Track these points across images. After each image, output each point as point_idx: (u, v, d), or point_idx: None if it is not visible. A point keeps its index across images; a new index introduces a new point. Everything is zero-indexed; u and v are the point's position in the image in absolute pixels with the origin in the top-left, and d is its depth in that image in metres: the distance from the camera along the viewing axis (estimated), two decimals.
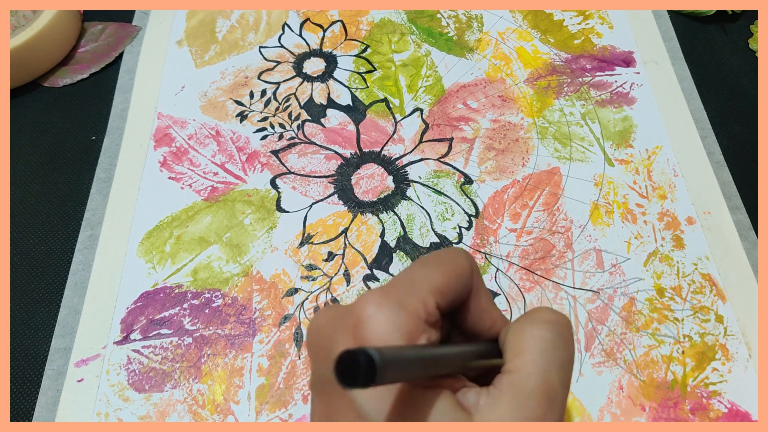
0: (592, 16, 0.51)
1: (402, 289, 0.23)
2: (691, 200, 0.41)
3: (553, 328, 0.24)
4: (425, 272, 0.24)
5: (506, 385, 0.22)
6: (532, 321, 0.24)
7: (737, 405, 0.33)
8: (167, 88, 0.47)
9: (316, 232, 0.40)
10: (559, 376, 0.23)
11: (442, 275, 0.24)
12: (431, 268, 0.24)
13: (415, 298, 0.23)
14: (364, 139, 0.44)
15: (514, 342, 0.24)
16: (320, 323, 0.24)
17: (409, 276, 0.24)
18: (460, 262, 0.25)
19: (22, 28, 0.45)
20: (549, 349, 0.23)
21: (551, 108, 0.45)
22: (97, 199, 0.42)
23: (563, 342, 0.23)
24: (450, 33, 0.50)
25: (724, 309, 0.36)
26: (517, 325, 0.24)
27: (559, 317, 0.24)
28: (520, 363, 0.23)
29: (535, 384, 0.22)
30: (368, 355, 0.17)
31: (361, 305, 0.23)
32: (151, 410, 0.34)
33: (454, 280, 0.24)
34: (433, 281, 0.23)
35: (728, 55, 0.49)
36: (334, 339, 0.23)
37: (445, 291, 0.24)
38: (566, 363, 0.23)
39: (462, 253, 0.25)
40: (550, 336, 0.23)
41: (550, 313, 0.24)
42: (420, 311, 0.22)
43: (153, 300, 0.38)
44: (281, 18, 0.52)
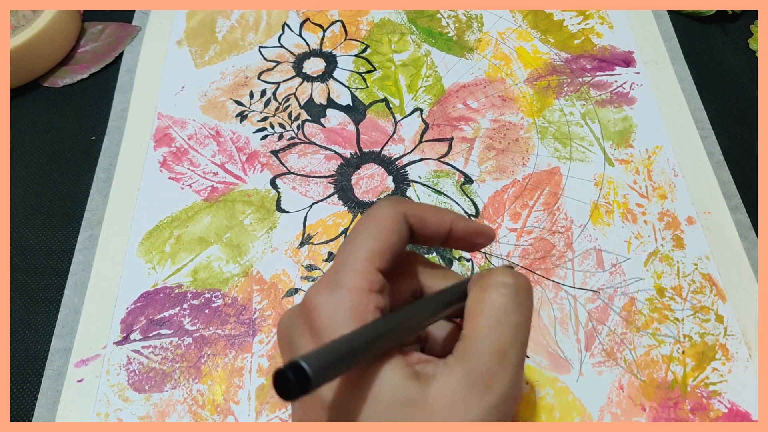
0: (592, 16, 0.51)
1: (338, 269, 0.23)
2: (691, 200, 0.41)
3: (508, 291, 0.24)
4: (355, 244, 0.24)
5: (460, 351, 0.23)
6: (488, 285, 0.24)
7: (737, 405, 0.33)
8: (167, 88, 0.47)
9: (316, 233, 0.40)
10: (511, 337, 0.23)
11: (372, 238, 0.24)
12: (360, 237, 0.24)
13: (351, 271, 0.23)
14: (364, 139, 0.44)
15: (471, 306, 0.24)
16: (283, 323, 0.25)
17: (342, 254, 0.24)
18: (385, 214, 0.24)
19: (22, 28, 0.45)
20: (502, 312, 0.23)
21: (551, 108, 0.45)
22: (97, 199, 0.42)
23: (517, 304, 0.23)
24: (450, 33, 0.50)
25: (724, 309, 0.36)
26: (476, 289, 0.24)
27: (515, 279, 0.24)
28: (473, 328, 0.23)
29: (486, 345, 0.22)
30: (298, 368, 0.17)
31: (308, 296, 0.23)
32: (151, 410, 0.34)
33: (385, 236, 0.24)
34: (365, 249, 0.23)
35: (728, 55, 0.49)
36: (293, 336, 0.23)
37: (381, 251, 0.24)
38: (520, 324, 0.23)
39: (384, 205, 0.25)
40: (503, 300, 0.23)
41: (505, 275, 0.24)
42: (359, 283, 0.22)
43: (153, 300, 0.38)
44: (281, 18, 0.52)
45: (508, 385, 0.22)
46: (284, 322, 0.25)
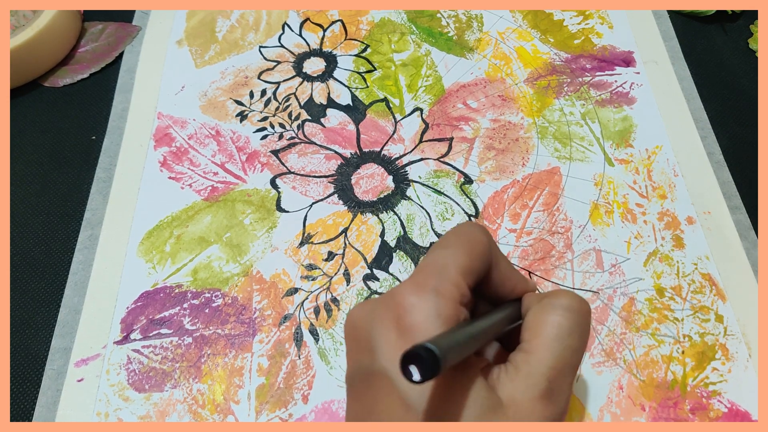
0: (592, 16, 0.51)
1: (434, 275, 0.24)
2: (691, 200, 0.41)
3: (571, 316, 0.25)
4: (452, 256, 0.25)
5: (522, 363, 0.24)
6: (553, 307, 0.25)
7: (737, 405, 0.33)
8: (167, 88, 0.47)
9: (316, 232, 0.40)
10: (570, 360, 0.24)
11: (467, 255, 0.25)
12: (455, 250, 0.25)
13: (449, 283, 0.24)
14: (364, 138, 0.44)
15: (533, 324, 0.25)
16: (358, 316, 0.25)
17: (438, 261, 0.25)
18: (479, 238, 0.26)
19: (22, 28, 0.45)
20: (564, 336, 0.24)
21: (551, 108, 0.45)
22: (97, 199, 0.42)
23: (579, 330, 0.25)
24: (450, 33, 0.50)
25: (724, 309, 0.36)
26: (539, 308, 0.26)
27: (578, 305, 0.25)
28: (536, 345, 0.24)
29: (548, 367, 0.24)
30: (429, 350, 0.19)
31: (401, 295, 0.24)
32: (151, 410, 0.34)
33: (477, 258, 0.25)
34: (460, 264, 0.25)
35: (728, 55, 0.49)
36: (374, 330, 0.24)
37: (472, 270, 0.25)
38: (578, 349, 0.25)
39: (478, 229, 0.27)
40: (567, 324, 0.25)
41: (570, 299, 0.25)
42: (455, 294, 0.24)
43: (153, 300, 0.38)
44: (281, 18, 0.52)
45: (564, 402, 0.24)
46: (361, 316, 0.25)
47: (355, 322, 0.25)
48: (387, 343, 0.23)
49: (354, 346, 0.25)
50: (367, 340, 0.24)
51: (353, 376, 0.25)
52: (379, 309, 0.24)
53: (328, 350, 0.36)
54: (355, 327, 0.25)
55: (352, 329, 0.25)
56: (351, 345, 0.25)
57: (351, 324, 0.25)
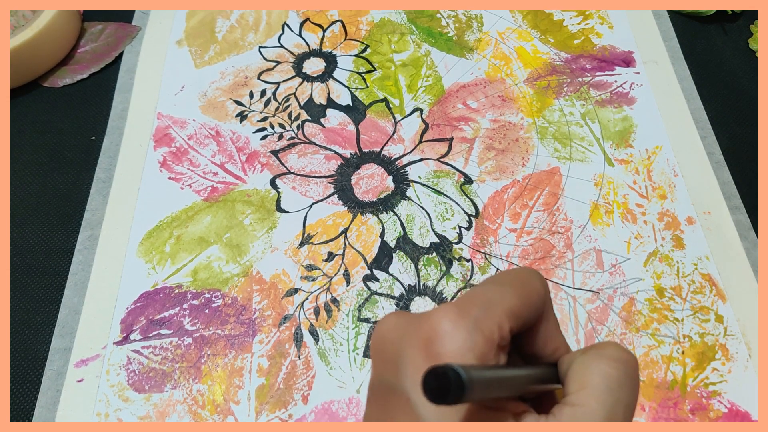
0: (592, 16, 0.51)
1: (478, 308, 0.23)
2: (691, 200, 0.41)
3: (622, 367, 0.23)
4: (502, 293, 0.23)
5: (568, 417, 0.22)
6: (600, 357, 0.23)
7: (737, 405, 0.33)
8: (167, 88, 0.47)
9: (315, 233, 0.40)
10: (623, 416, 0.22)
11: (518, 298, 0.23)
12: (508, 289, 0.24)
13: (491, 320, 0.22)
14: (363, 139, 0.44)
15: (580, 375, 0.23)
16: (388, 328, 0.24)
17: (486, 295, 0.23)
18: (536, 286, 0.24)
19: (22, 28, 0.45)
20: (615, 388, 0.22)
21: (551, 108, 0.45)
22: (97, 199, 0.42)
23: (630, 383, 0.23)
24: (450, 33, 0.50)
25: (724, 309, 0.36)
26: (585, 358, 0.24)
27: (629, 356, 0.24)
28: (584, 398, 0.22)
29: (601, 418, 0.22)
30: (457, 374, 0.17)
31: (437, 319, 0.22)
32: (151, 410, 0.34)
33: (528, 304, 0.24)
34: (508, 304, 0.23)
35: (728, 55, 0.49)
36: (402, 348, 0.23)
37: (520, 315, 0.23)
38: (631, 404, 0.23)
39: (537, 276, 0.25)
40: (617, 375, 0.23)
41: (619, 350, 0.24)
42: (495, 335, 0.22)
43: (153, 300, 0.38)
44: (281, 18, 0.52)
45: None
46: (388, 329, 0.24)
47: (384, 335, 0.24)
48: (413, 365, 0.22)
49: (380, 358, 0.24)
50: (394, 356, 0.23)
51: (375, 386, 0.24)
52: (411, 327, 0.23)
53: (328, 351, 0.35)
54: (383, 340, 0.24)
55: (380, 341, 0.24)
56: (377, 356, 0.24)
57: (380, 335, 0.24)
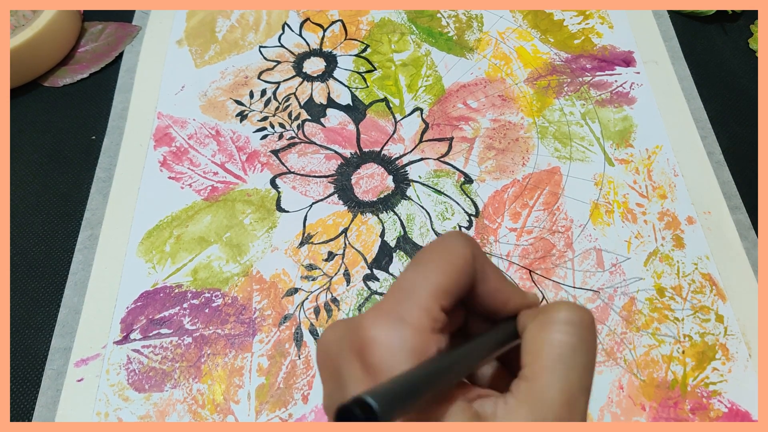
0: (592, 16, 0.51)
1: (401, 300, 0.22)
2: (691, 200, 0.41)
3: (573, 330, 0.22)
4: (422, 275, 0.22)
5: (524, 392, 0.21)
6: (550, 323, 0.22)
7: (737, 405, 0.33)
8: (167, 88, 0.47)
9: (316, 232, 0.40)
10: (579, 382, 0.21)
11: (441, 274, 0.22)
12: (428, 268, 0.22)
13: (416, 308, 0.21)
14: (364, 138, 0.44)
15: (532, 344, 0.22)
16: (328, 342, 0.23)
17: (407, 283, 0.22)
18: (458, 251, 0.23)
19: (22, 28, 0.45)
20: (569, 354, 0.21)
21: (551, 108, 0.45)
22: (97, 199, 0.42)
23: (583, 345, 0.22)
24: (450, 33, 0.50)
25: (724, 309, 0.36)
26: (535, 325, 0.23)
27: (580, 316, 0.22)
28: (538, 369, 0.21)
29: (555, 394, 0.21)
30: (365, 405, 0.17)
31: (364, 326, 0.21)
32: (151, 410, 0.34)
33: (455, 275, 0.22)
34: (432, 284, 0.22)
35: (728, 55, 0.49)
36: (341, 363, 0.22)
37: (448, 289, 0.22)
38: (587, 366, 0.22)
39: (458, 240, 0.23)
40: (568, 340, 0.22)
41: (569, 311, 0.22)
42: (424, 322, 0.21)
43: (153, 300, 0.38)
44: (281, 18, 0.52)
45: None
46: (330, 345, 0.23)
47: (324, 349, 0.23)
48: (353, 378, 0.21)
49: (325, 375, 0.23)
50: (336, 372, 0.22)
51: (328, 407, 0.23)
52: (345, 339, 0.22)
53: None
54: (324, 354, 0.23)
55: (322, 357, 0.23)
56: (322, 372, 0.23)
57: (321, 350, 0.23)
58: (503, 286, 0.25)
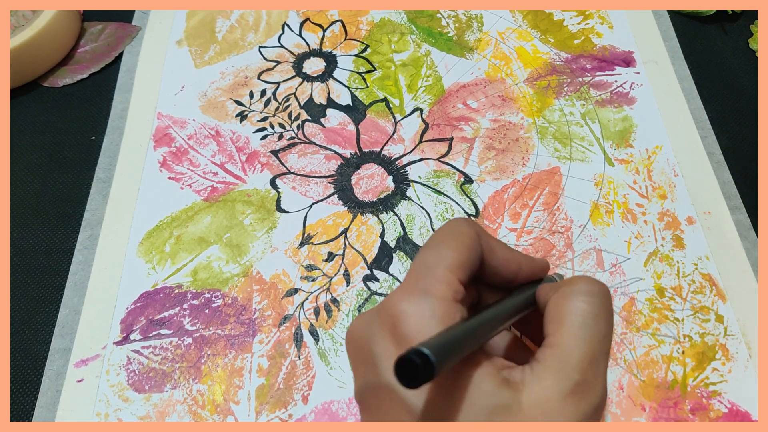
0: (592, 16, 0.51)
1: (423, 276, 0.24)
2: (691, 200, 0.41)
3: (594, 300, 0.24)
4: (438, 254, 0.24)
5: (550, 358, 0.23)
6: (573, 293, 0.24)
7: (737, 405, 0.33)
8: (167, 88, 0.47)
9: (316, 233, 0.40)
10: (600, 346, 0.23)
11: (454, 251, 0.24)
12: (441, 248, 0.25)
13: (438, 281, 0.23)
14: (364, 139, 0.44)
15: (555, 314, 0.24)
16: (357, 330, 0.25)
17: (424, 262, 0.24)
18: (464, 230, 0.25)
19: (22, 28, 0.45)
20: (590, 322, 0.23)
21: (551, 108, 0.45)
22: (97, 199, 0.42)
23: (604, 313, 0.24)
24: (450, 33, 0.50)
25: (724, 309, 0.36)
26: (557, 297, 0.25)
27: (600, 288, 0.24)
28: (562, 336, 0.23)
29: (579, 357, 0.22)
30: (423, 354, 0.18)
31: (392, 303, 0.23)
32: (151, 410, 0.34)
33: (465, 250, 0.25)
34: (448, 260, 0.24)
35: (728, 55, 0.49)
36: (373, 344, 0.23)
37: (461, 264, 0.24)
38: (608, 334, 0.24)
39: (462, 222, 0.26)
40: (590, 308, 0.24)
41: (590, 283, 0.24)
42: (447, 292, 0.23)
43: (153, 300, 0.38)
44: (281, 18, 0.52)
45: (600, 394, 0.23)
46: (358, 329, 0.25)
47: (354, 337, 0.25)
48: (386, 355, 0.23)
49: (357, 362, 0.25)
50: (368, 354, 0.24)
51: (362, 392, 0.24)
52: (375, 321, 0.24)
53: (328, 351, 0.35)
54: (355, 342, 0.25)
55: (352, 344, 0.25)
56: (354, 360, 0.25)
57: (351, 339, 0.25)
58: (512, 255, 0.27)
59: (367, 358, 0.24)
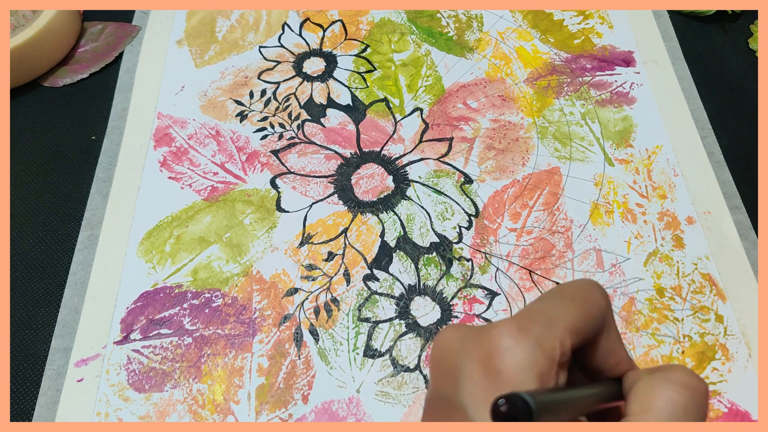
0: (592, 16, 0.51)
1: (539, 325, 0.22)
2: (691, 200, 0.41)
3: (689, 394, 0.22)
4: (562, 309, 0.23)
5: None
6: (667, 380, 0.22)
7: (737, 405, 0.33)
8: (167, 88, 0.47)
9: (316, 232, 0.40)
10: None
11: (579, 313, 0.23)
12: (569, 304, 0.23)
13: (552, 337, 0.22)
14: (364, 138, 0.44)
15: (643, 396, 0.23)
16: (448, 341, 0.24)
17: (546, 310, 0.23)
18: (597, 299, 0.24)
19: (22, 28, 0.45)
20: (679, 414, 0.22)
21: (551, 108, 0.45)
22: (97, 199, 0.42)
23: (696, 411, 0.22)
24: (450, 33, 0.50)
25: (724, 309, 0.36)
26: (650, 380, 0.23)
27: (698, 383, 0.23)
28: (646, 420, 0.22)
29: None
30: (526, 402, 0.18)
31: (497, 335, 0.22)
32: (151, 410, 0.34)
33: (589, 319, 0.23)
34: (569, 320, 0.23)
35: (728, 55, 0.49)
36: (461, 362, 0.22)
37: (581, 330, 0.23)
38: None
39: (598, 289, 0.24)
40: (683, 401, 0.22)
41: (688, 375, 0.23)
42: (556, 352, 0.22)
43: (153, 300, 0.38)
44: (281, 18, 0.52)
45: None
46: (450, 343, 0.24)
47: (443, 348, 0.24)
48: (471, 381, 0.22)
49: (438, 371, 0.24)
50: (453, 370, 0.23)
51: (433, 399, 0.24)
52: (471, 341, 0.23)
53: (328, 350, 0.36)
54: (443, 353, 0.24)
55: (439, 354, 0.24)
56: (436, 369, 0.24)
57: (439, 349, 0.24)
58: (620, 348, 0.25)
59: (450, 371, 0.23)
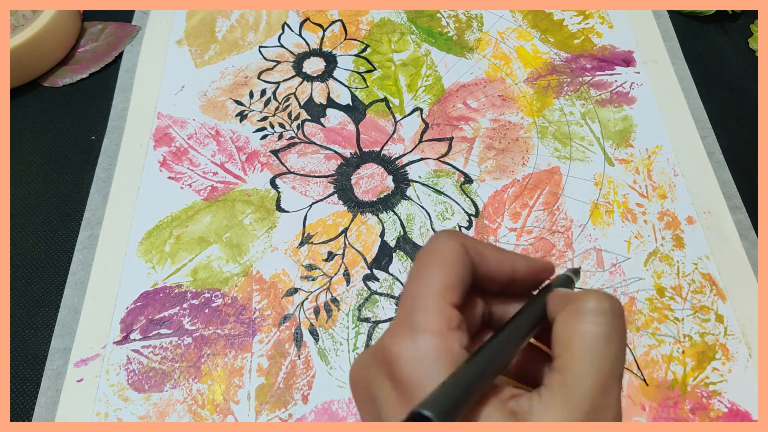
0: (592, 16, 0.51)
1: (410, 311, 0.22)
2: (691, 200, 0.41)
3: (605, 320, 0.22)
4: (422, 281, 0.23)
5: (558, 385, 0.21)
6: (582, 313, 0.22)
7: (737, 405, 0.33)
8: (167, 88, 0.47)
9: (315, 232, 0.40)
10: (612, 371, 0.21)
11: (440, 273, 0.23)
12: (425, 273, 0.23)
13: (426, 313, 0.22)
14: (363, 138, 0.44)
15: (562, 335, 0.22)
16: (357, 375, 0.23)
17: (410, 293, 0.23)
18: (447, 246, 0.23)
19: (22, 27, 0.45)
20: (601, 346, 0.21)
21: (551, 107, 0.45)
22: (97, 199, 0.42)
23: (615, 334, 0.22)
24: (450, 33, 0.50)
25: (724, 309, 0.36)
26: (566, 316, 0.23)
27: (611, 305, 0.22)
28: (570, 361, 0.21)
29: (589, 384, 0.21)
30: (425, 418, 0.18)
31: (386, 346, 0.22)
32: (150, 410, 0.34)
33: (452, 270, 0.23)
34: (434, 286, 0.22)
35: (728, 55, 0.49)
36: (374, 387, 0.22)
37: (452, 285, 0.22)
38: (620, 356, 0.22)
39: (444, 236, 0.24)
40: (601, 330, 0.22)
41: (600, 301, 0.22)
42: (439, 324, 0.21)
43: (153, 300, 0.38)
44: (281, 18, 0.52)
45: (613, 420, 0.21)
46: (358, 372, 0.23)
47: (355, 379, 0.24)
48: (386, 400, 0.21)
49: (360, 402, 0.23)
50: (369, 396, 0.22)
51: None
52: (374, 363, 0.22)
53: (328, 350, 0.35)
54: (356, 384, 0.24)
55: (354, 385, 0.24)
56: (357, 401, 0.24)
57: (353, 380, 0.24)
58: (504, 257, 0.25)
59: (369, 400, 0.22)
